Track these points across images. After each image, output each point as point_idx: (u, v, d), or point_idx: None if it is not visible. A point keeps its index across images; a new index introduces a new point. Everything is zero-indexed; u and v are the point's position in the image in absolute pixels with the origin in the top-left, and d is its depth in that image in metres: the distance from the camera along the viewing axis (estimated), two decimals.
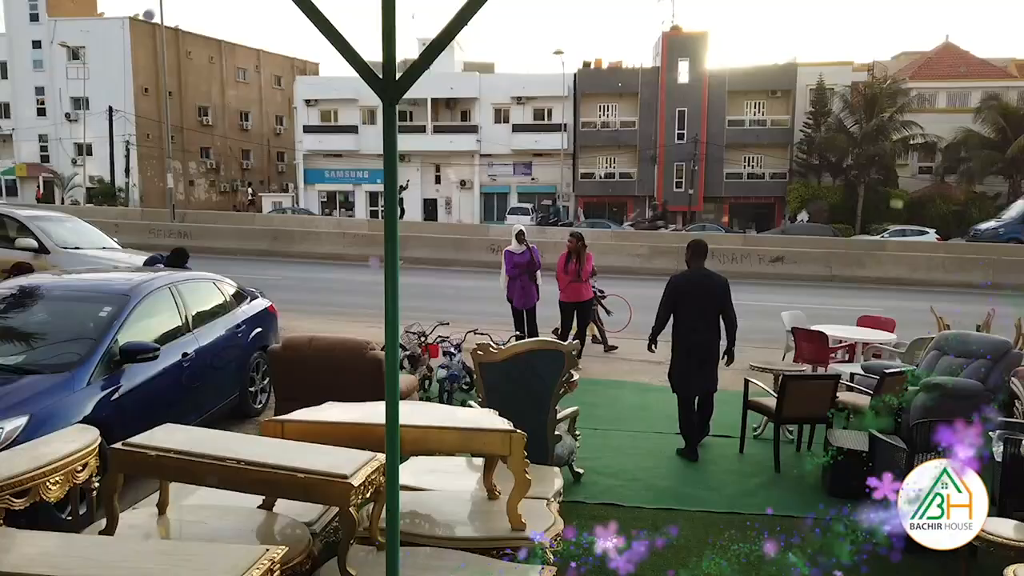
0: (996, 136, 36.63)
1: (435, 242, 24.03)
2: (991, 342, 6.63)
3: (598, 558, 4.39)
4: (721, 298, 6.21)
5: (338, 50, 2.33)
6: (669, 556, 4.47)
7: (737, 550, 4.60)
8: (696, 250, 6.38)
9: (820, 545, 4.73)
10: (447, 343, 7.87)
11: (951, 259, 21.14)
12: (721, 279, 6.34)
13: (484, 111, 45.72)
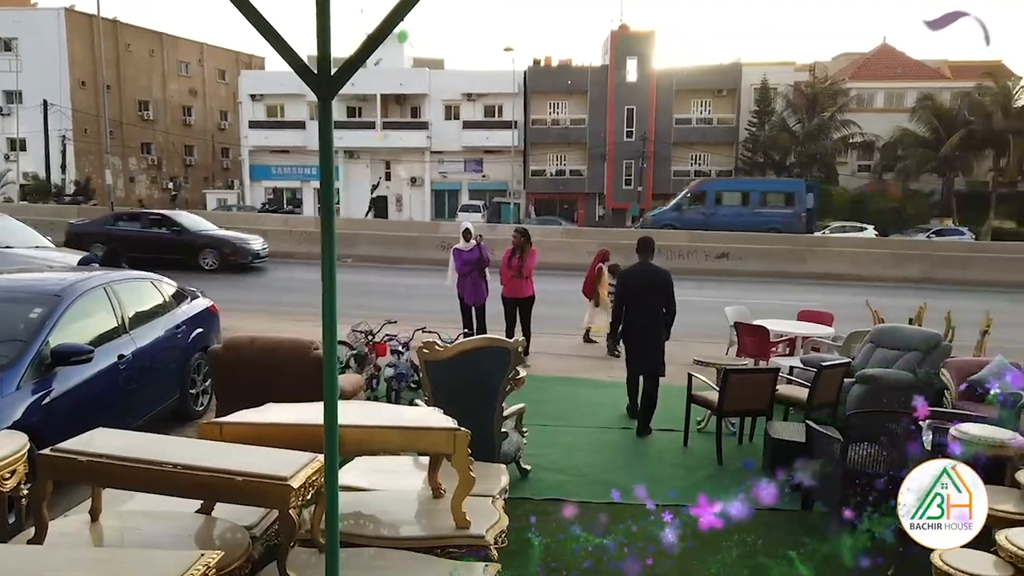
0: (930, 135, 37.94)
1: (385, 239, 23.82)
2: (922, 335, 6.89)
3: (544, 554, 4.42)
4: (664, 290, 6.72)
5: (271, 44, 2.29)
6: (614, 549, 4.53)
7: (678, 542, 4.69)
8: (642, 245, 6.89)
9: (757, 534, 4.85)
10: (395, 341, 7.81)
11: (888, 254, 21.85)
12: (665, 273, 6.82)
13: (434, 108, 45.45)
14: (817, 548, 4.57)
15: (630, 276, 6.88)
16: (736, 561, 4.37)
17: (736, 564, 4.35)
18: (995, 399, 4.58)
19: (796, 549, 4.58)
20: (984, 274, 19.88)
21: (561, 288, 15.81)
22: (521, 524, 4.65)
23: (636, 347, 6.85)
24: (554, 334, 10.80)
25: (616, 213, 43.63)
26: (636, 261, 6.88)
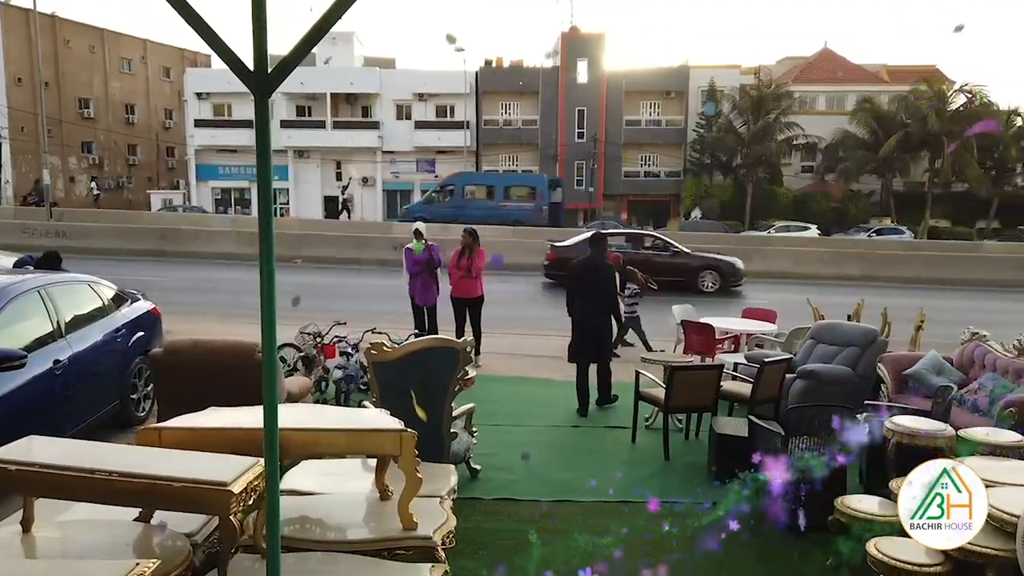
0: (870, 137, 39.14)
1: (336, 240, 23.56)
2: (860, 331, 7.11)
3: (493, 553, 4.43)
4: (607, 283, 7.32)
5: (204, 40, 2.25)
6: (562, 545, 4.56)
7: (628, 537, 4.76)
8: (592, 240, 7.60)
9: (702, 527, 4.94)
10: (344, 343, 7.73)
11: (830, 253, 22.49)
12: (608, 267, 7.43)
13: (386, 107, 45.07)
14: (760, 539, 4.69)
15: (577, 268, 7.47)
16: (686, 552, 4.44)
17: (686, 555, 4.42)
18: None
19: (741, 541, 4.71)
20: (919, 272, 20.62)
21: (512, 288, 15.90)
22: (470, 524, 4.67)
23: (585, 337, 7.32)
24: (505, 334, 10.82)
25: (569, 213, 43.90)
26: (588, 254, 7.47)
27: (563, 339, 10.87)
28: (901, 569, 3.68)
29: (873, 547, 3.85)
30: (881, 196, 40.59)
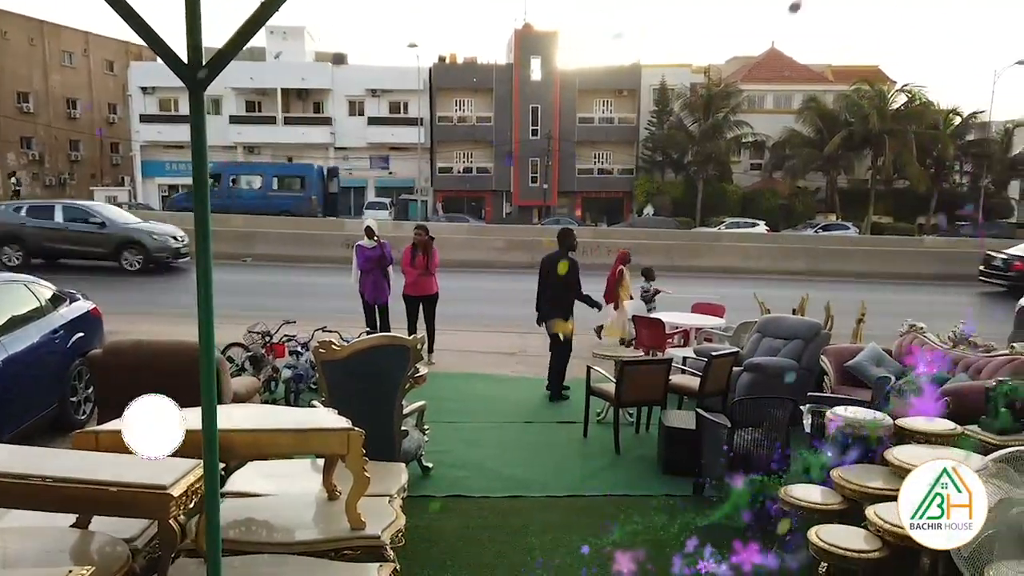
0: (815, 135, 40.11)
1: (286, 237, 23.19)
2: (805, 324, 7.28)
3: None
4: (574, 275, 7.77)
5: (135, 31, 2.19)
6: (512, 541, 4.58)
7: (578, 530, 4.80)
8: (559, 237, 7.96)
9: (652, 519, 5.02)
10: (294, 342, 7.63)
11: (777, 249, 22.99)
12: (573, 262, 7.86)
13: (338, 103, 44.55)
14: (706, 529, 4.78)
15: (546, 263, 7.85)
16: (631, 545, 4.50)
17: (630, 548, 4.46)
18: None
19: (687, 531, 4.79)
20: (862, 266, 21.23)
21: (467, 285, 15.85)
22: (421, 522, 4.65)
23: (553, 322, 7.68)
24: (459, 331, 10.80)
25: (523, 210, 44.03)
26: (555, 250, 7.87)
27: (518, 336, 10.97)
28: (841, 555, 3.79)
29: (814, 535, 3.95)
30: (827, 193, 41.63)
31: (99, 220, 17.50)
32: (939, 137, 38.66)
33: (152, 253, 17.44)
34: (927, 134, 38.35)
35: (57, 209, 17.84)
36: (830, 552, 3.81)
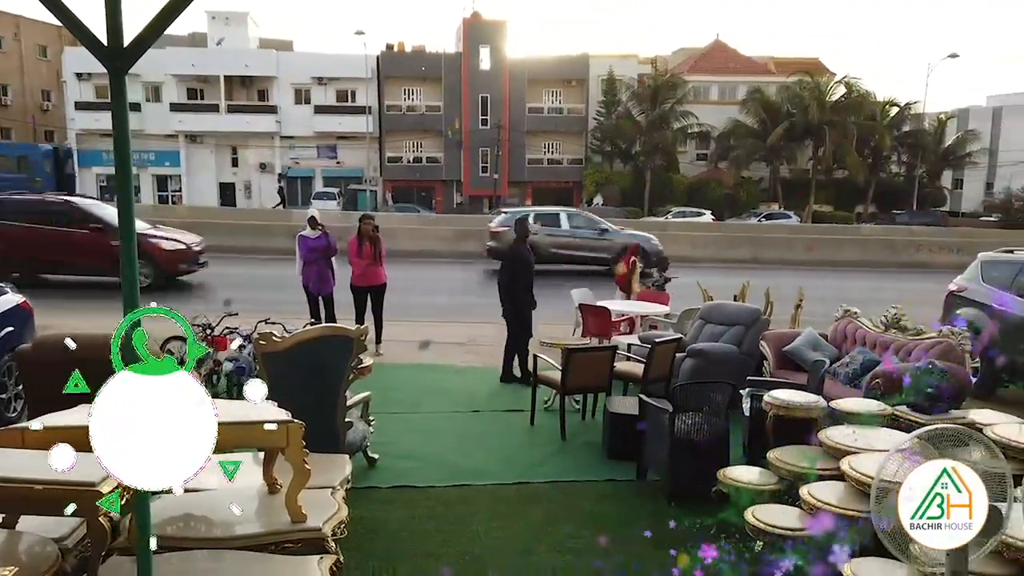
0: (759, 126, 40.96)
1: (231, 228, 22.70)
2: (745, 311, 7.45)
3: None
4: (532, 266, 8.03)
5: (51, 11, 2.11)
6: (457, 530, 4.60)
7: (523, 517, 4.84)
8: (516, 226, 8.21)
9: (597, 504, 5.09)
10: (236, 334, 7.49)
11: (722, 237, 23.44)
12: (528, 250, 8.16)
13: (283, 91, 43.65)
14: (649, 513, 4.87)
15: (520, 252, 7.97)
16: (576, 530, 4.56)
17: (576, 533, 4.53)
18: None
19: (631, 515, 4.87)
20: (802, 253, 21.81)
21: (417, 275, 15.77)
22: (366, 513, 4.63)
23: (514, 313, 7.86)
24: (408, 321, 10.74)
25: (474, 200, 43.92)
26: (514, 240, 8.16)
27: (466, 326, 10.97)
28: (776, 533, 3.90)
29: (751, 514, 4.06)
30: (770, 183, 42.58)
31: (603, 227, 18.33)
32: (876, 128, 39.86)
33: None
34: (865, 125, 39.50)
35: (563, 216, 18.66)
36: (766, 531, 3.93)
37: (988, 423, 4.52)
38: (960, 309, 8.19)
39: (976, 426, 4.27)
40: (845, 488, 3.98)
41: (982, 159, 42.96)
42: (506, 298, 7.91)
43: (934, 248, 22.39)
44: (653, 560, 4.01)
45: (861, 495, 3.77)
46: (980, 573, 3.10)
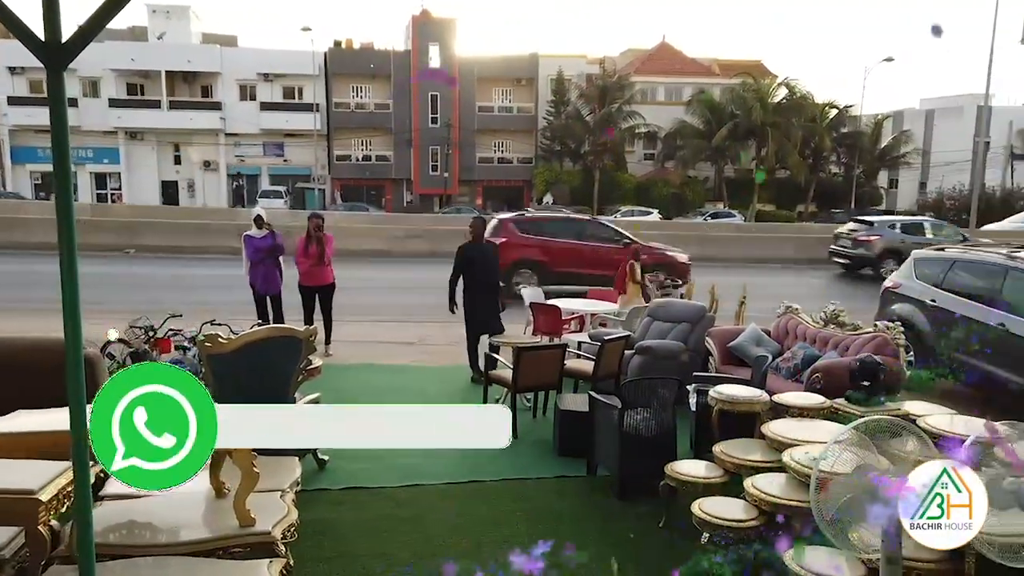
0: (704, 127, 41.76)
1: (174, 228, 22.16)
2: (691, 308, 7.60)
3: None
4: (495, 261, 8.16)
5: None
6: (409, 530, 4.59)
7: (475, 515, 4.86)
8: (476, 225, 8.31)
9: (548, 500, 5.14)
10: (180, 336, 7.32)
11: (669, 236, 23.77)
12: (494, 246, 8.38)
13: (228, 87, 42.73)
14: (599, 508, 4.95)
15: (468, 250, 8.04)
16: (527, 527, 4.60)
17: (528, 529, 4.57)
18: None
19: (581, 511, 4.94)
20: (746, 251, 22.33)
21: (366, 275, 15.64)
22: (316, 516, 4.58)
23: (475, 311, 7.94)
24: (357, 321, 10.66)
25: (424, 199, 43.71)
26: (473, 240, 8.16)
27: (416, 326, 10.93)
28: (721, 525, 4.01)
29: (697, 507, 4.16)
30: (715, 182, 43.45)
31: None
32: (816, 129, 41.02)
33: None
34: (806, 126, 40.62)
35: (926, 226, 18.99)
36: (712, 523, 4.03)
37: (921, 414, 4.71)
38: (895, 305, 8.51)
39: (910, 417, 4.46)
40: (787, 479, 4.11)
41: (916, 160, 44.62)
42: (464, 296, 8.05)
43: None
44: (603, 554, 4.08)
45: (802, 486, 3.89)
46: (912, 557, 3.24)
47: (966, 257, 8.08)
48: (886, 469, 2.86)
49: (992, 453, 3.03)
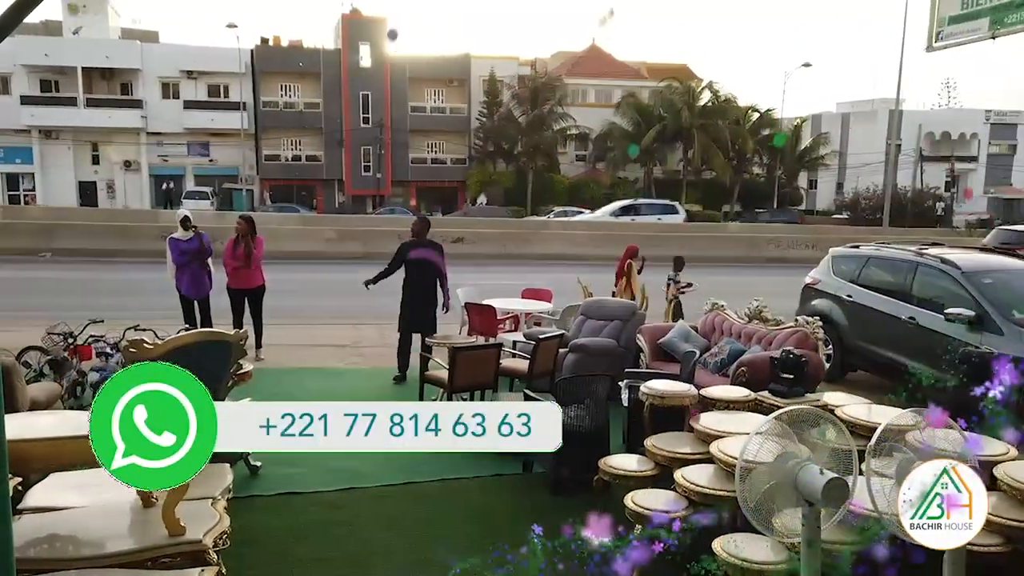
0: (633, 129, 42.56)
1: (93, 230, 21.29)
2: (623, 306, 7.77)
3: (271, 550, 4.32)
4: (438, 261, 8.06)
5: None
6: (345, 534, 4.57)
7: (411, 516, 4.86)
8: (420, 224, 8.39)
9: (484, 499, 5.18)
10: (102, 343, 7.08)
11: (601, 236, 24.19)
12: (438, 246, 8.24)
13: (149, 85, 41.25)
14: (535, 505, 5.01)
15: (408, 248, 8.05)
16: (464, 526, 4.63)
17: (464, 529, 4.60)
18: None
19: (517, 508, 5.00)
20: (674, 250, 22.83)
21: (298, 277, 15.38)
22: (248, 522, 4.51)
23: (412, 311, 7.97)
24: (290, 325, 10.47)
25: (357, 200, 43.17)
26: (416, 237, 8.17)
27: (350, 328, 10.81)
28: (652, 517, 4.11)
29: (630, 500, 4.27)
30: (644, 183, 44.34)
31: None
32: (740, 132, 42.32)
33: None
34: (730, 129, 41.86)
35: None
36: (643, 515, 4.13)
37: (839, 404, 4.94)
38: (815, 300, 8.88)
39: (829, 407, 4.67)
40: (715, 470, 4.26)
41: (833, 161, 46.61)
42: (401, 294, 8.10)
43: (792, 244, 24.09)
44: (539, 551, 4.14)
45: (729, 476, 4.04)
46: (831, 540, 3.41)
47: (879, 254, 8.50)
48: (807, 457, 3.01)
49: (904, 439, 3.21)
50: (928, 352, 7.08)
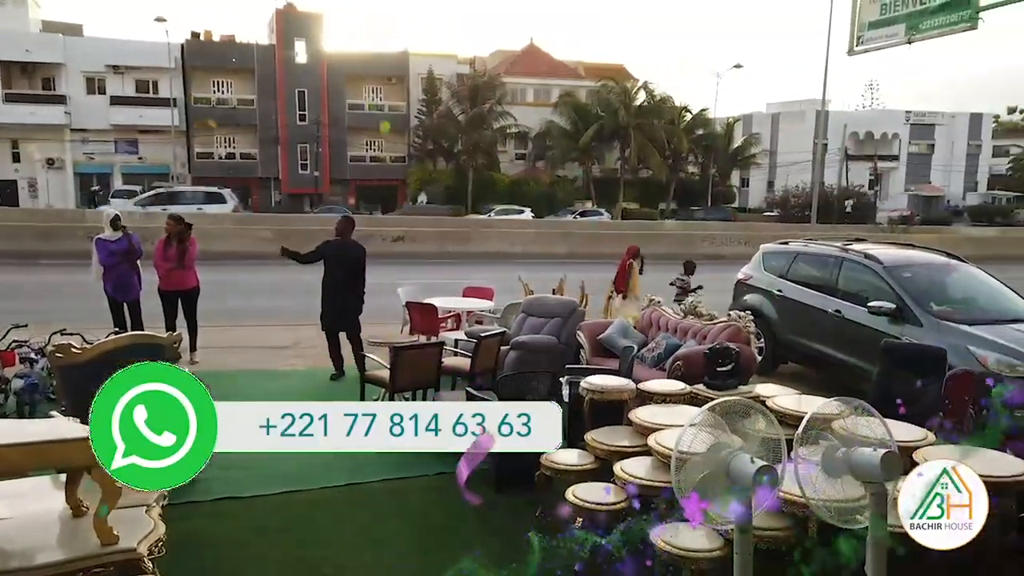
0: (572, 128, 43.03)
1: (13, 231, 20.37)
2: (563, 303, 7.86)
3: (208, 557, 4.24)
4: (359, 261, 8.00)
5: None
6: (286, 538, 4.51)
7: (354, 518, 4.84)
8: (343, 224, 8.22)
9: (428, 499, 5.18)
10: (25, 348, 6.80)
11: (540, 234, 24.43)
12: (360, 248, 8.10)
13: (73, 80, 39.67)
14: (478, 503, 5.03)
15: (331, 247, 7.98)
16: (407, 526, 4.63)
17: (407, 528, 4.60)
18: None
19: (461, 506, 5.01)
20: (613, 248, 23.21)
21: (233, 278, 15.03)
22: (184, 529, 4.41)
23: (332, 309, 7.93)
24: (226, 327, 10.24)
25: (294, 198, 42.38)
26: (339, 236, 8.06)
27: (288, 329, 10.64)
28: (592, 509, 4.20)
29: (571, 494, 4.34)
30: (583, 182, 44.86)
31: None
32: (675, 132, 43.25)
33: None
34: (665, 128, 42.71)
35: None
36: (583, 508, 4.21)
37: (770, 395, 5.12)
38: (747, 295, 9.16)
39: (760, 399, 4.84)
40: (652, 462, 4.36)
41: (764, 160, 48.08)
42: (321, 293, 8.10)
43: (725, 241, 24.73)
44: (483, 548, 4.17)
45: (666, 467, 4.15)
46: (762, 527, 3.55)
47: (807, 250, 8.82)
48: (739, 446, 3.12)
49: (829, 427, 3.37)
50: (853, 344, 7.41)
